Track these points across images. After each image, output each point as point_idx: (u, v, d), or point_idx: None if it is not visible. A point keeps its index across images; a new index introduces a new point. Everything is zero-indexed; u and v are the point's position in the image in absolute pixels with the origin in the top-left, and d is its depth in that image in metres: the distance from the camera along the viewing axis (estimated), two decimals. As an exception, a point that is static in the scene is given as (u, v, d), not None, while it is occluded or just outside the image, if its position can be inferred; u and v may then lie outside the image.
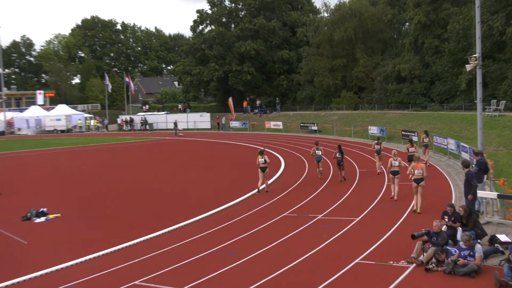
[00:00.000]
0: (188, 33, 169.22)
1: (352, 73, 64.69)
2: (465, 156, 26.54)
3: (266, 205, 21.19)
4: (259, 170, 23.93)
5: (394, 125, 47.26)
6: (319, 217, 18.53)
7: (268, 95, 76.92)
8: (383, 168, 28.50)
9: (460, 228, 14.08)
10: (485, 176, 18.65)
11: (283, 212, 19.66)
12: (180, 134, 63.21)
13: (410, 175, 18.49)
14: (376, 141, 28.32)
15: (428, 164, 28.51)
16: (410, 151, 26.12)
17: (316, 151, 26.85)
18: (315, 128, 53.54)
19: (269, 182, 25.62)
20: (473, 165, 18.10)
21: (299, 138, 49.99)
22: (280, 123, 60.17)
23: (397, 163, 20.66)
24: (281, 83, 76.24)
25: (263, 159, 23.76)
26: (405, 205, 19.38)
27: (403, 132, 39.73)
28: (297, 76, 74.89)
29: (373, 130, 44.48)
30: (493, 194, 16.44)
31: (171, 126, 67.73)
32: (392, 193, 21.02)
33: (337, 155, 25.75)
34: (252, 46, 72.78)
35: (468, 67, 24.67)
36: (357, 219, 18.01)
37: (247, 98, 76.28)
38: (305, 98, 73.15)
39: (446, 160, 30.19)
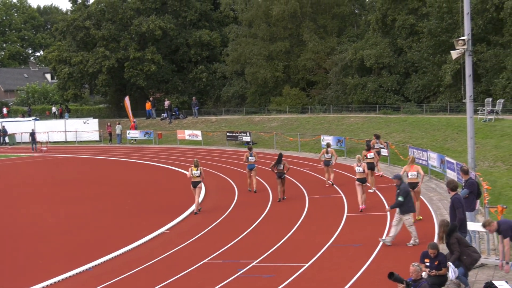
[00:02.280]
0: (65, 5, 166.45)
1: (298, 61, 65.52)
2: (452, 175, 27.34)
3: (179, 248, 21.11)
4: (191, 185, 26.85)
5: (356, 133, 48.12)
6: (254, 264, 18.62)
7: (180, 93, 76.75)
8: (331, 182, 31.30)
9: (451, 265, 14.41)
10: (478, 202, 19.28)
11: (203, 257, 19.62)
12: (43, 148, 62.26)
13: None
14: (324, 149, 31.74)
15: (381, 174, 32.92)
16: (368, 157, 29.17)
17: (250, 158, 30.65)
18: (247, 138, 53.85)
19: (195, 205, 27.15)
20: (462, 187, 18.68)
21: (225, 153, 50.06)
22: (198, 132, 60.15)
23: (361, 169, 24.88)
24: (199, 76, 76.25)
25: (198, 171, 26.49)
26: (372, 243, 19.76)
27: (379, 145, 40.41)
28: (222, 66, 75.14)
29: (328, 141, 45.07)
30: (489, 227, 16.95)
31: (40, 137, 66.49)
32: (360, 206, 24.93)
33: (278, 166, 28.29)
34: (157, 24, 72.51)
35: (454, 54, 25.53)
36: (307, 264, 18.21)
37: (151, 98, 75.87)
38: (233, 97, 73.44)
39: (426, 181, 30.99)
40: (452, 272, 14.17)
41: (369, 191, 28.02)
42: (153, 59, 72.92)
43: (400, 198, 19.15)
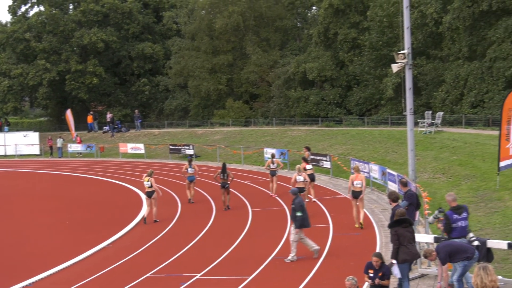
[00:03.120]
0: (4, 17, 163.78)
1: (241, 74, 65.74)
2: (393, 187, 27.67)
3: (121, 263, 20.90)
4: (145, 195, 27.86)
5: (299, 146, 48.30)
6: (197, 277, 18.55)
7: (123, 105, 76.30)
8: (274, 195, 31.78)
9: (395, 262, 14.70)
10: (417, 213, 19.57)
11: (145, 271, 19.47)
12: None
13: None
14: (269, 160, 32.43)
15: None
16: (307, 169, 29.69)
17: (189, 169, 31.47)
18: (190, 151, 53.72)
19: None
20: (402, 199, 18.95)
21: (168, 166, 49.83)
22: (141, 145, 59.69)
23: (301, 178, 25.97)
24: (141, 89, 75.94)
25: (148, 182, 27.37)
26: (311, 254, 19.85)
27: (311, 156, 40.72)
28: (165, 79, 74.94)
29: (271, 153, 45.21)
30: (429, 237, 17.19)
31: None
32: None
33: (222, 175, 29.11)
34: (99, 36, 72.05)
35: (395, 67, 25.92)
36: (251, 277, 18.23)
37: (91, 111, 75.12)
38: (176, 110, 73.25)
39: (368, 193, 31.31)
40: (396, 269, 14.44)
41: (306, 200, 28.42)
42: (95, 71, 72.40)
43: (298, 213, 19.41)
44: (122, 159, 58.80)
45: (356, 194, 23.54)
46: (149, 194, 27.48)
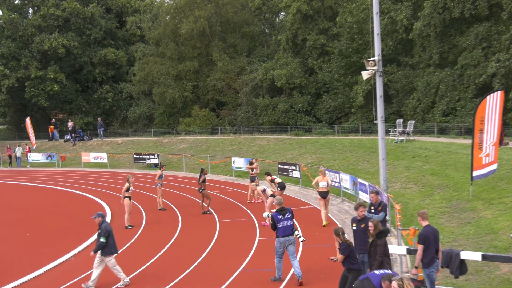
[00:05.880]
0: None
1: (208, 81, 65.67)
2: (365, 197, 27.72)
3: (84, 276, 20.63)
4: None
5: (267, 155, 48.34)
6: (163, 292, 18.42)
7: (85, 113, 75.83)
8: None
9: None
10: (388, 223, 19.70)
11: (109, 285, 19.24)
12: None
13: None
14: (249, 165, 33.57)
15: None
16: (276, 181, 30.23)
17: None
18: (155, 161, 53.48)
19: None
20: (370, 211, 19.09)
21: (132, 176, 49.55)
22: (104, 154, 59.26)
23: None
24: (104, 96, 75.58)
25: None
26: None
27: (280, 166, 40.69)
28: (128, 86, 74.63)
29: (239, 162, 45.16)
30: (402, 249, 17.20)
31: None
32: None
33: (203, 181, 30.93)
34: (60, 42, 71.51)
35: (365, 75, 25.99)
36: (218, 291, 18.12)
37: (52, 120, 74.37)
38: (141, 118, 72.95)
39: (339, 204, 31.34)
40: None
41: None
42: (55, 78, 71.82)
43: (102, 239, 18.90)
44: (84, 168, 58.28)
45: (324, 195, 25.67)
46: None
